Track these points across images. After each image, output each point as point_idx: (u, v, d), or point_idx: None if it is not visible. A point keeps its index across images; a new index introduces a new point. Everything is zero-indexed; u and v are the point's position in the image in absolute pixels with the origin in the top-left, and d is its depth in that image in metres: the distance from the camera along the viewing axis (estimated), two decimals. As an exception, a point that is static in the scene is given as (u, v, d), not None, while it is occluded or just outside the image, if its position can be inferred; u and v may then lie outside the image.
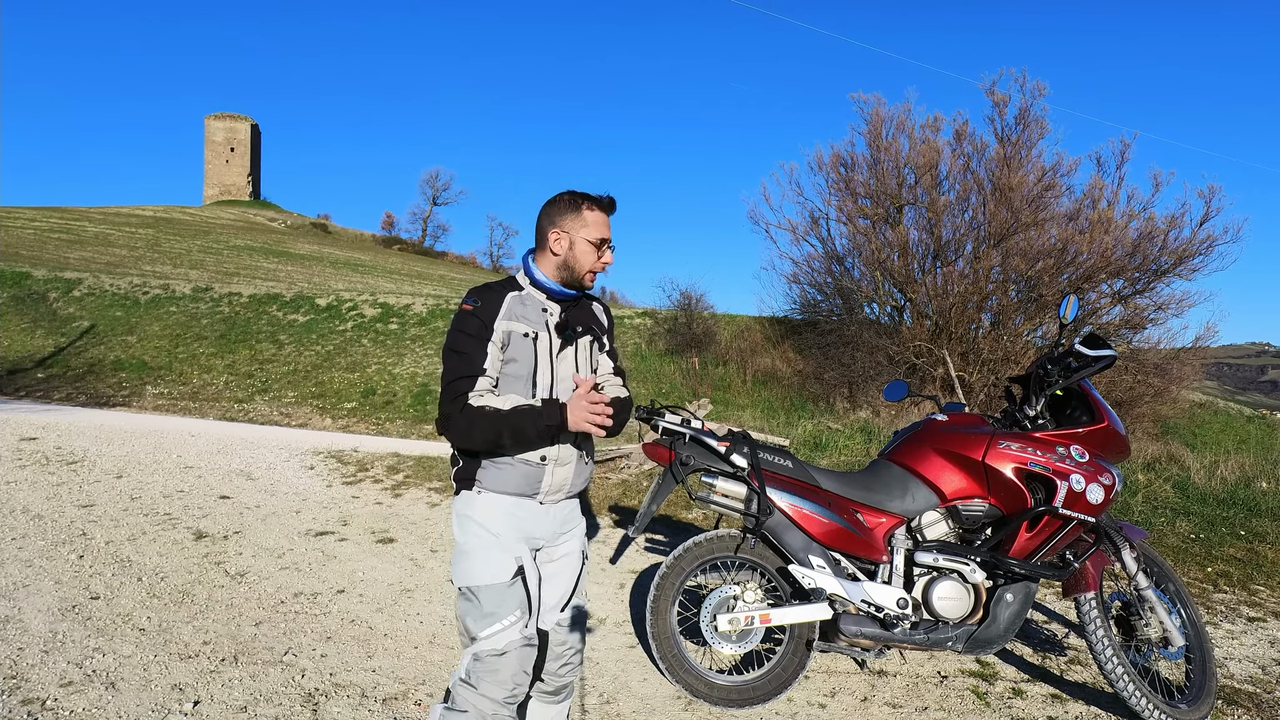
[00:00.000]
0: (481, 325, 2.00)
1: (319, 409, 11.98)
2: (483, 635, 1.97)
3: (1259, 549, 4.97)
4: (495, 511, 2.04)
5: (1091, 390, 3.05)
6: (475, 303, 2.03)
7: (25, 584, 3.92)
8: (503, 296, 2.05)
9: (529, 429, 1.93)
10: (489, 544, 2.02)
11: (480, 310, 2.02)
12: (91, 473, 6.50)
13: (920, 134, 16.21)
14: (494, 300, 2.04)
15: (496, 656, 1.96)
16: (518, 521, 2.06)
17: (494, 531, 2.03)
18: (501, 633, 1.97)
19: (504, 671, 1.95)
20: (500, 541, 2.03)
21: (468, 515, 2.06)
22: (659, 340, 17.00)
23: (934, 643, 2.88)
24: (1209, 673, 2.93)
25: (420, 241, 63.87)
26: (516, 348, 2.01)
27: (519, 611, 1.99)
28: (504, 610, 1.97)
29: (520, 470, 2.04)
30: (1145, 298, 14.79)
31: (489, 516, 2.04)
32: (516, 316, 2.03)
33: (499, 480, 2.04)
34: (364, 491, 6.32)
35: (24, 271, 19.59)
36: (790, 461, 3.01)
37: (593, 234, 2.06)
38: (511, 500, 2.05)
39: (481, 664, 1.96)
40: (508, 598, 1.98)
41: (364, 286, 23.50)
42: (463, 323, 2.03)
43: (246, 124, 73.88)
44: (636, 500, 5.99)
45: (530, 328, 2.02)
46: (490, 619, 1.97)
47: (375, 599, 3.97)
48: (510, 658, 1.96)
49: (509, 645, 1.96)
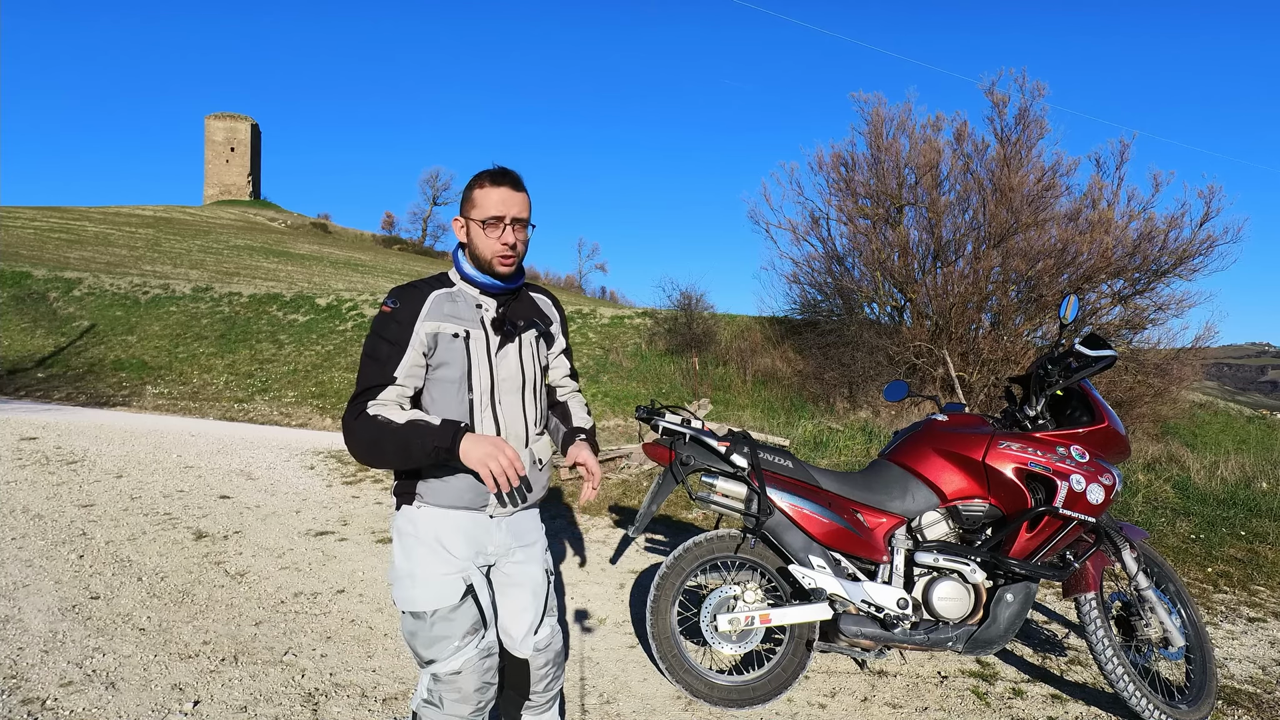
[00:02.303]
0: (400, 328, 1.83)
1: (319, 409, 11.97)
2: (437, 659, 1.87)
3: (1259, 549, 4.97)
4: (439, 528, 1.89)
5: (1092, 390, 3.05)
6: (394, 304, 1.86)
7: (25, 584, 3.92)
8: (425, 295, 1.87)
9: (415, 447, 1.74)
10: (432, 565, 1.87)
11: (399, 312, 1.84)
12: (91, 472, 6.50)
13: (921, 134, 16.22)
14: (415, 300, 1.86)
15: (454, 675, 1.87)
16: (465, 537, 1.91)
17: (438, 550, 1.87)
18: (455, 655, 1.87)
19: (466, 687, 1.87)
20: (445, 561, 1.88)
21: (409, 534, 1.90)
22: (659, 340, 17.00)
23: (934, 643, 2.88)
24: (1209, 673, 2.93)
25: (420, 241, 63.90)
26: (445, 350, 1.85)
27: (470, 634, 1.89)
28: (454, 632, 1.86)
29: (465, 481, 1.87)
30: (1145, 298, 14.79)
31: (432, 533, 1.88)
32: (443, 316, 1.85)
33: (442, 493, 1.88)
34: (364, 491, 6.32)
35: (24, 271, 19.60)
36: (790, 461, 3.01)
37: (482, 214, 1.84)
38: (456, 514, 1.90)
39: (441, 683, 1.88)
40: (457, 620, 1.87)
41: (364, 286, 23.51)
42: (380, 326, 1.85)
43: (246, 124, 73.91)
44: (636, 500, 5.98)
45: (460, 326, 1.86)
46: (441, 643, 1.86)
47: (375, 599, 3.97)
48: (469, 675, 1.88)
49: (465, 664, 1.87)
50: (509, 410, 1.93)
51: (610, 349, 16.53)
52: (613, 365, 15.62)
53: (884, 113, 16.45)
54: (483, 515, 1.94)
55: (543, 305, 2.09)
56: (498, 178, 1.87)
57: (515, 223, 1.86)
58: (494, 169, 1.89)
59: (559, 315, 2.15)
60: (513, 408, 1.94)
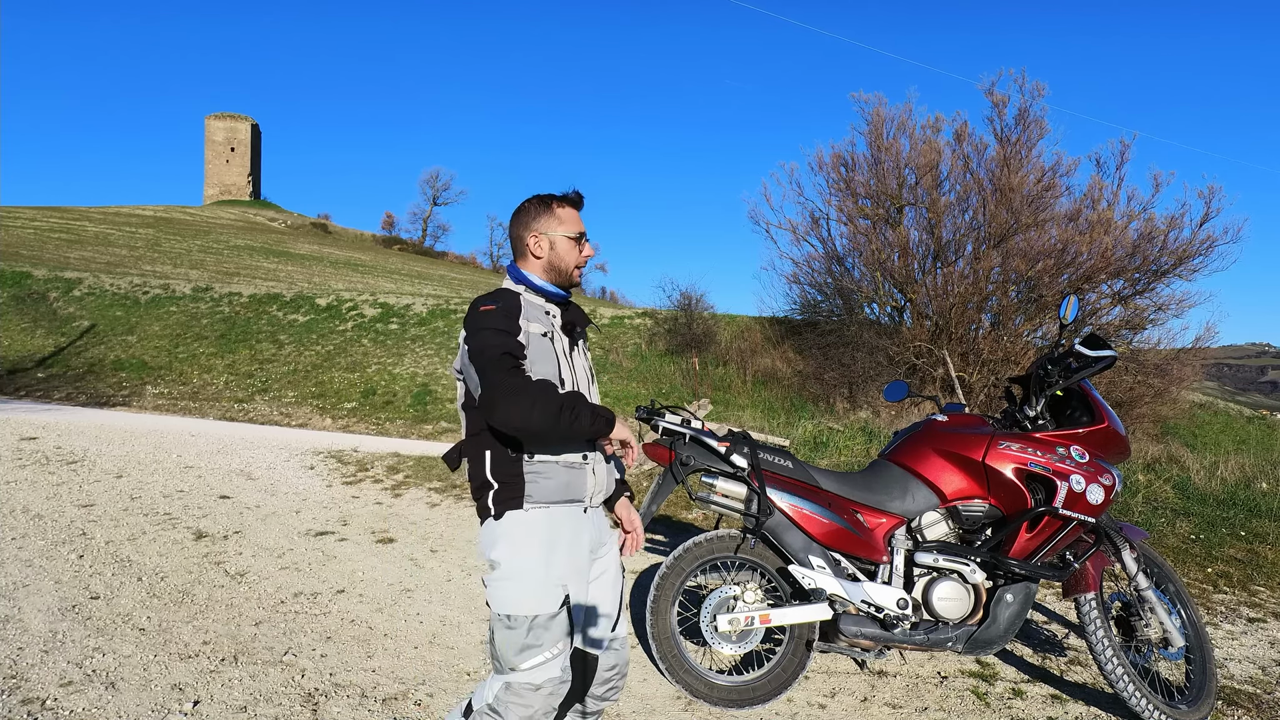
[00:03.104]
0: (509, 319, 1.91)
1: (319, 409, 11.97)
2: (522, 667, 1.88)
3: (1259, 549, 4.97)
4: (545, 530, 1.92)
5: (1092, 391, 3.05)
6: (495, 302, 1.94)
7: (25, 584, 3.92)
8: (517, 296, 1.99)
9: (584, 413, 1.81)
10: (536, 570, 1.90)
11: (503, 307, 1.93)
12: (91, 472, 6.50)
13: (921, 134, 16.22)
14: (512, 299, 1.97)
15: (531, 690, 1.87)
16: (569, 538, 1.96)
17: (544, 555, 1.91)
18: (541, 666, 1.88)
19: (535, 706, 1.88)
20: (550, 567, 1.91)
21: (513, 536, 1.91)
22: (659, 340, 17.00)
23: (934, 643, 2.88)
24: (1209, 673, 2.93)
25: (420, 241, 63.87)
26: (537, 348, 1.93)
27: (561, 644, 1.91)
28: (546, 643, 1.88)
29: (566, 474, 1.95)
30: (1145, 298, 14.79)
31: (539, 536, 1.91)
32: (532, 318, 1.96)
33: (546, 489, 1.93)
34: (364, 491, 6.32)
35: (24, 271, 19.60)
36: (790, 462, 3.01)
37: (570, 229, 2.05)
38: (561, 511, 1.95)
39: (513, 693, 1.88)
40: (551, 629, 1.89)
41: (364, 286, 23.51)
42: (489, 319, 1.90)
43: (246, 124, 73.89)
44: (637, 501, 5.99)
45: (545, 327, 1.98)
46: (531, 651, 1.87)
47: (375, 599, 3.97)
48: (543, 692, 1.88)
49: (547, 681, 1.88)
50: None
51: (610, 349, 16.53)
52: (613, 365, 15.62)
53: (884, 113, 16.46)
54: (578, 510, 2.00)
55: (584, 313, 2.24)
56: (577, 201, 2.10)
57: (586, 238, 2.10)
58: (573, 192, 2.11)
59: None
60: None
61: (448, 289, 26.85)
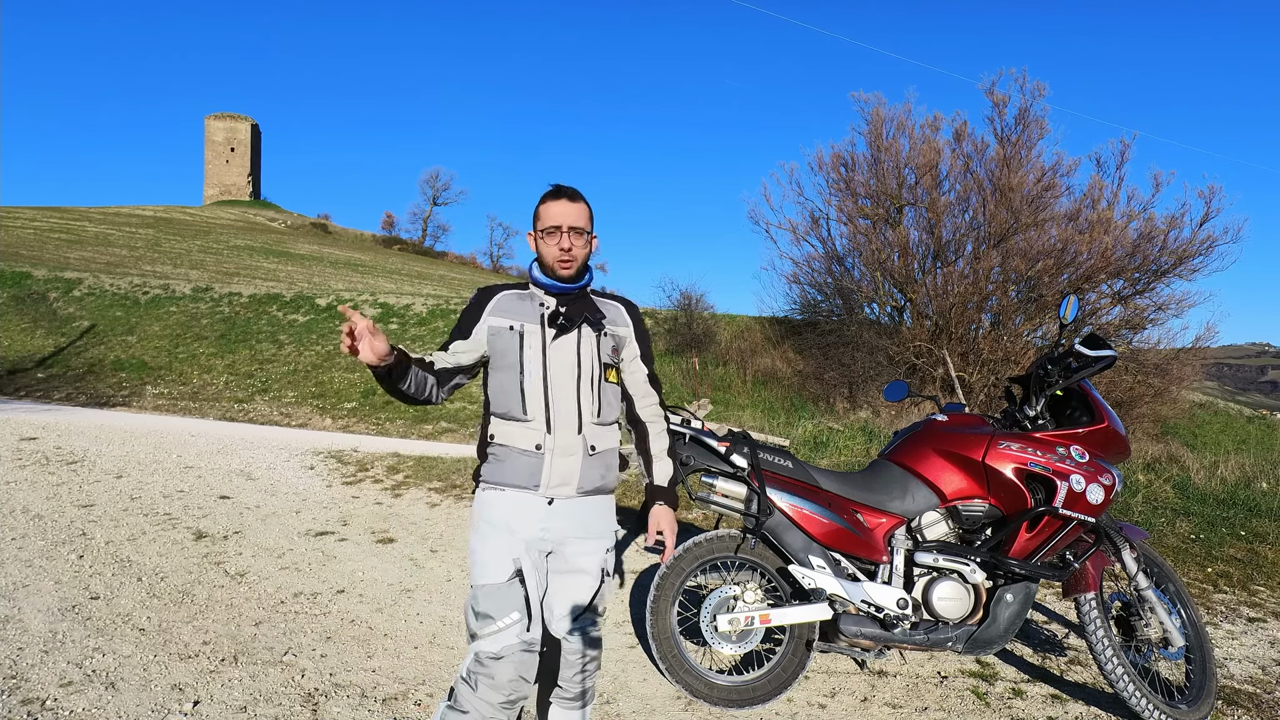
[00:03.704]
0: (469, 319, 2.16)
1: (319, 409, 11.97)
2: (480, 634, 1.98)
3: (1259, 549, 4.97)
4: (497, 507, 2.07)
5: (1091, 390, 3.05)
6: (474, 298, 2.21)
7: (25, 584, 3.91)
8: (495, 294, 2.18)
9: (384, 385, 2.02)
10: (489, 542, 2.04)
11: (473, 306, 2.18)
12: (91, 473, 6.50)
13: (920, 134, 16.24)
14: (486, 298, 2.18)
15: (493, 660, 1.95)
16: (522, 518, 2.06)
17: (497, 528, 2.05)
18: (497, 634, 1.97)
19: (500, 677, 1.94)
20: (500, 540, 2.04)
21: (476, 514, 2.11)
22: (659, 340, 17.01)
23: (934, 643, 2.88)
24: (1209, 673, 2.93)
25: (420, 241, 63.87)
26: (502, 341, 2.11)
27: (516, 614, 1.98)
28: (500, 611, 1.97)
29: (517, 461, 2.07)
30: (1145, 298, 14.80)
31: (491, 512, 2.07)
32: (503, 312, 2.14)
33: (497, 472, 2.08)
34: (364, 491, 6.32)
35: (24, 271, 19.59)
36: (790, 462, 3.01)
37: (542, 224, 2.12)
38: (513, 493, 2.07)
39: (480, 666, 1.96)
40: (504, 599, 1.98)
41: (364, 286, 23.51)
42: (461, 315, 2.21)
43: (246, 124, 73.88)
44: (636, 500, 5.98)
45: (516, 321, 2.12)
46: (486, 619, 1.97)
47: (375, 599, 3.97)
48: (506, 663, 1.95)
49: (505, 650, 1.96)
50: (561, 396, 2.09)
51: (610, 349, 16.53)
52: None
53: (884, 113, 16.48)
54: (537, 497, 2.07)
55: (606, 307, 2.26)
56: (555, 194, 2.14)
57: (572, 231, 2.10)
58: (554, 187, 2.15)
59: (633, 322, 2.31)
60: (565, 395, 2.09)
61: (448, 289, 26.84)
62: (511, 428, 2.09)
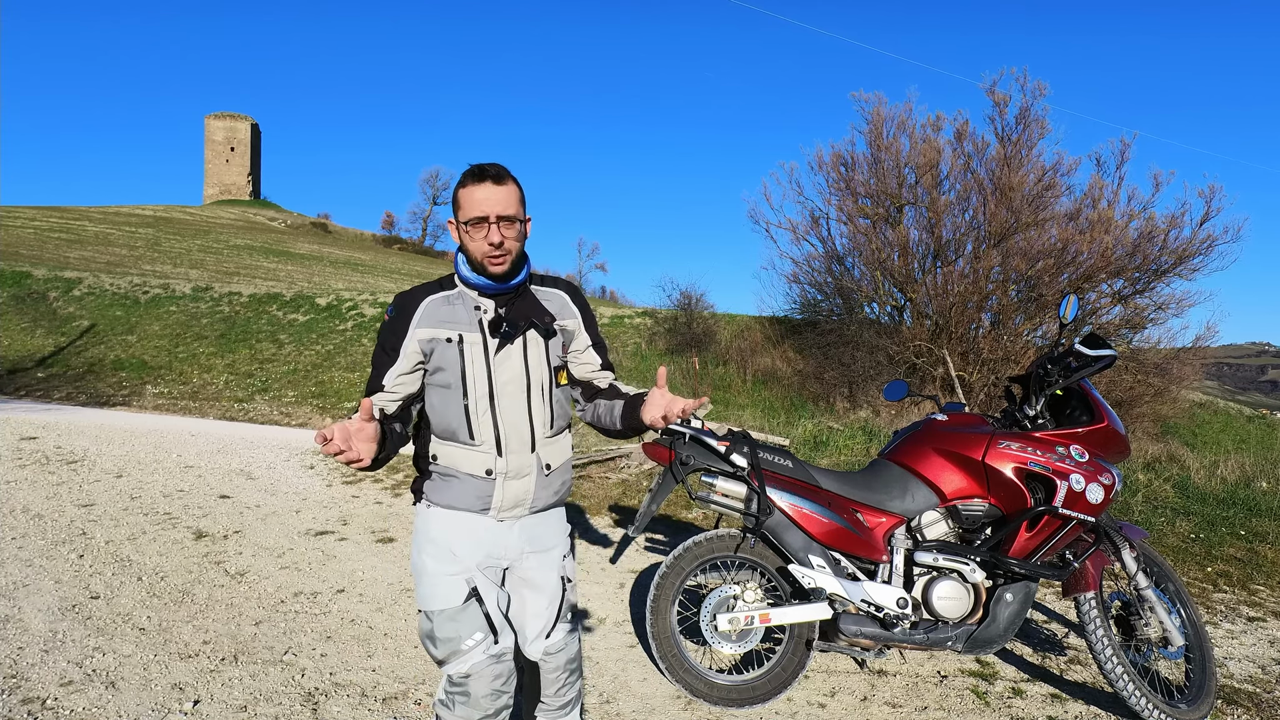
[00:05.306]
0: (394, 337, 1.87)
1: (319, 408, 11.98)
2: (448, 660, 1.88)
3: (1259, 549, 4.97)
4: (446, 528, 1.90)
5: (1091, 390, 3.05)
6: (392, 311, 1.90)
7: (25, 583, 3.92)
8: (419, 301, 1.88)
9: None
10: (438, 565, 1.88)
11: (395, 320, 1.88)
12: (91, 472, 6.51)
13: (921, 133, 16.22)
14: (410, 307, 1.88)
15: (465, 679, 1.86)
16: (471, 540, 1.90)
17: (444, 551, 1.89)
18: (463, 656, 1.87)
19: (475, 694, 1.86)
20: (450, 562, 1.88)
21: (421, 532, 1.93)
22: (659, 340, 17.01)
23: (934, 642, 2.88)
24: (1209, 672, 2.93)
25: (420, 241, 63.88)
26: (441, 355, 1.85)
27: (479, 634, 1.87)
28: (461, 634, 1.86)
29: (467, 484, 1.88)
30: (1145, 298, 14.79)
31: (440, 534, 1.90)
32: (437, 321, 1.86)
33: (446, 494, 1.90)
34: (364, 491, 6.33)
35: (24, 271, 19.60)
36: (790, 461, 3.01)
37: (466, 215, 1.80)
38: (460, 516, 1.90)
39: (454, 687, 1.88)
40: (463, 622, 1.86)
41: (364, 286, 23.50)
42: (381, 334, 1.91)
43: (246, 124, 73.90)
44: (636, 500, 5.99)
45: (454, 331, 1.85)
46: (448, 644, 1.87)
47: (375, 599, 3.97)
48: (478, 680, 1.86)
49: (474, 668, 1.86)
50: (511, 413, 1.88)
51: (610, 348, 16.54)
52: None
53: (884, 112, 16.45)
54: (487, 518, 1.92)
55: (549, 302, 1.98)
56: (477, 176, 1.80)
57: (501, 220, 1.79)
58: (473, 167, 1.82)
59: (578, 310, 2.04)
60: (515, 411, 1.89)
61: (448, 288, 26.79)
62: (457, 451, 1.88)
